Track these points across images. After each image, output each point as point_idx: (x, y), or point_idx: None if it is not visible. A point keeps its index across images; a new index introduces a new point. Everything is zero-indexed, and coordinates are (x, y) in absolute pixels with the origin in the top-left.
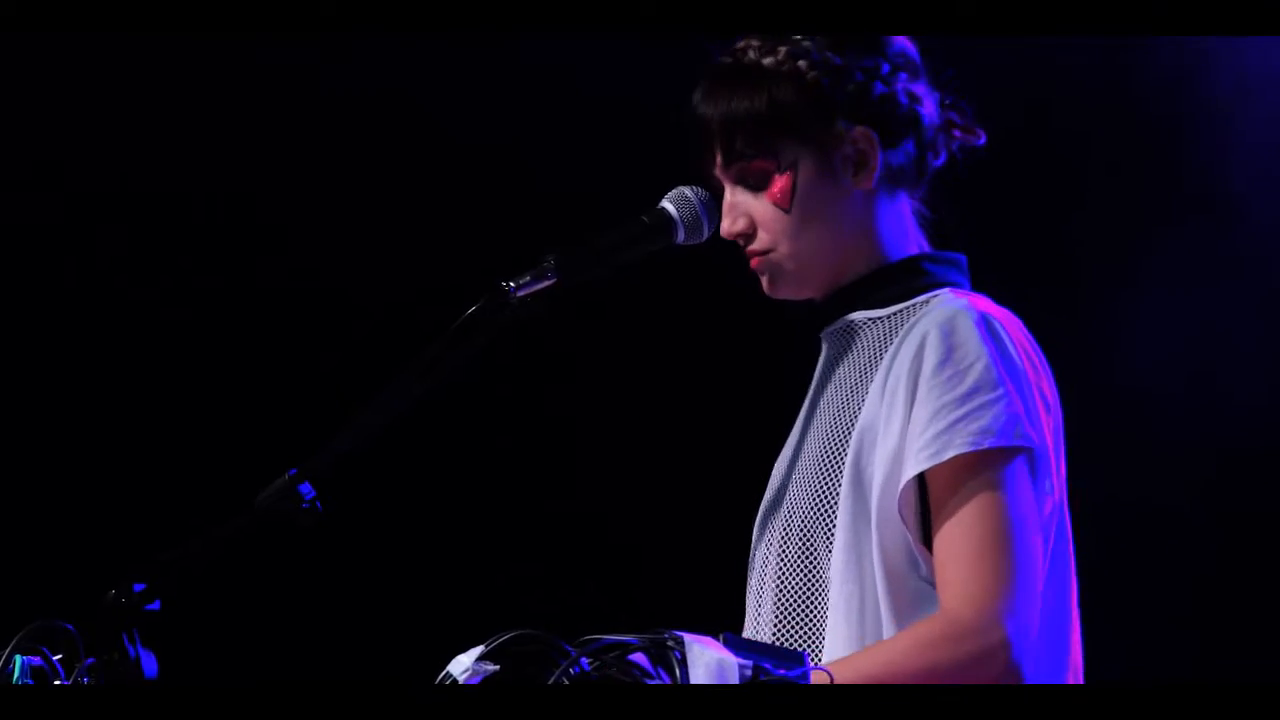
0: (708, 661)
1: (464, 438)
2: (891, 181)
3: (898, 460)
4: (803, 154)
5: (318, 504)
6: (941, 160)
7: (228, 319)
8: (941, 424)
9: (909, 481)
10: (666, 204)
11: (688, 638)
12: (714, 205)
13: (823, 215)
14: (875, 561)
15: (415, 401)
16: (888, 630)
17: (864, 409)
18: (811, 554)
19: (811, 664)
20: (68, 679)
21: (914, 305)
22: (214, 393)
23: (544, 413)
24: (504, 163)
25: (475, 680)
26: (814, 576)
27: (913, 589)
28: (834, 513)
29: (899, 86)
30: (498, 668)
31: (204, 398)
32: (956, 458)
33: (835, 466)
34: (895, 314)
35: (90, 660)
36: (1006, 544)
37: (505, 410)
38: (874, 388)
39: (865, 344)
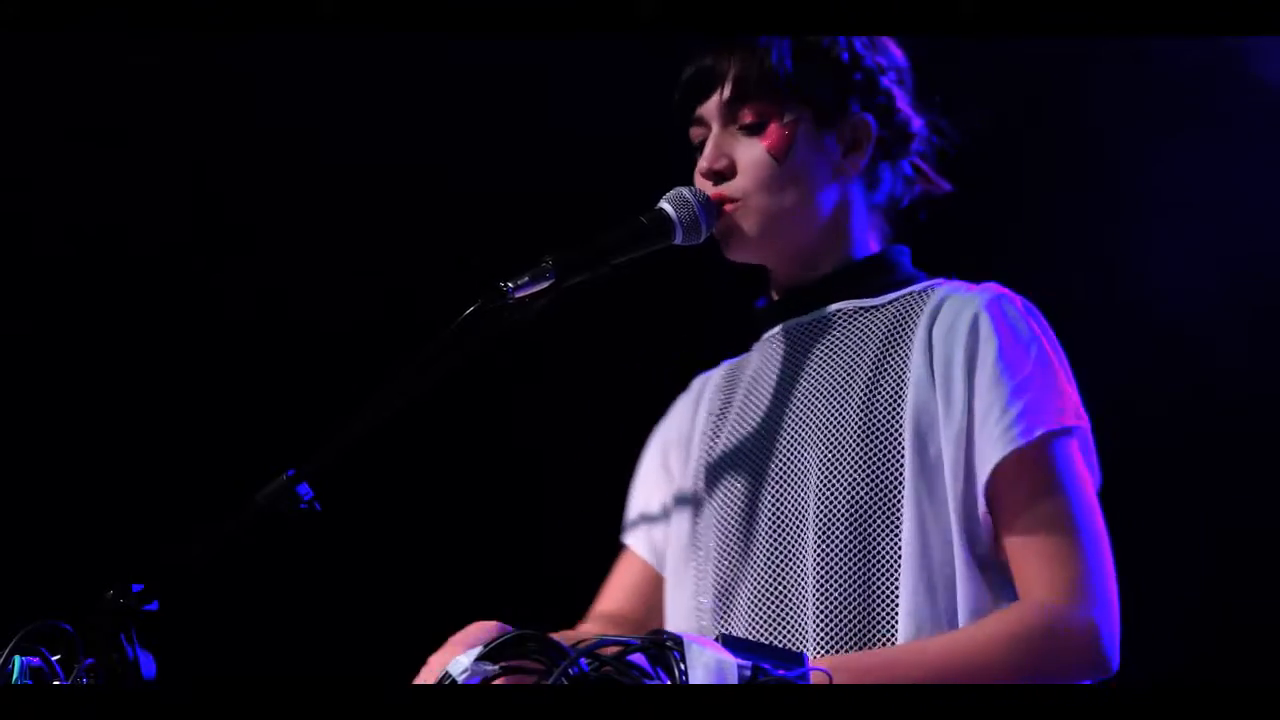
0: (706, 662)
1: (462, 438)
2: (870, 175)
3: (967, 441)
4: (806, 116)
5: (316, 504)
6: (904, 196)
7: (225, 318)
8: (1020, 405)
9: (996, 461)
10: (664, 205)
11: (687, 638)
12: (712, 206)
13: (808, 178)
14: (957, 542)
15: (413, 401)
16: (965, 607)
17: (910, 394)
18: (866, 539)
19: (889, 644)
20: (66, 679)
21: (916, 293)
22: (212, 393)
23: (543, 413)
24: (504, 162)
25: (474, 680)
26: (871, 560)
27: (991, 564)
28: (898, 497)
29: (898, 93)
30: (497, 668)
31: (202, 398)
32: (1041, 436)
33: (889, 452)
34: (896, 301)
35: (89, 661)
36: (1089, 529)
37: (504, 410)
38: (915, 371)
39: (868, 331)
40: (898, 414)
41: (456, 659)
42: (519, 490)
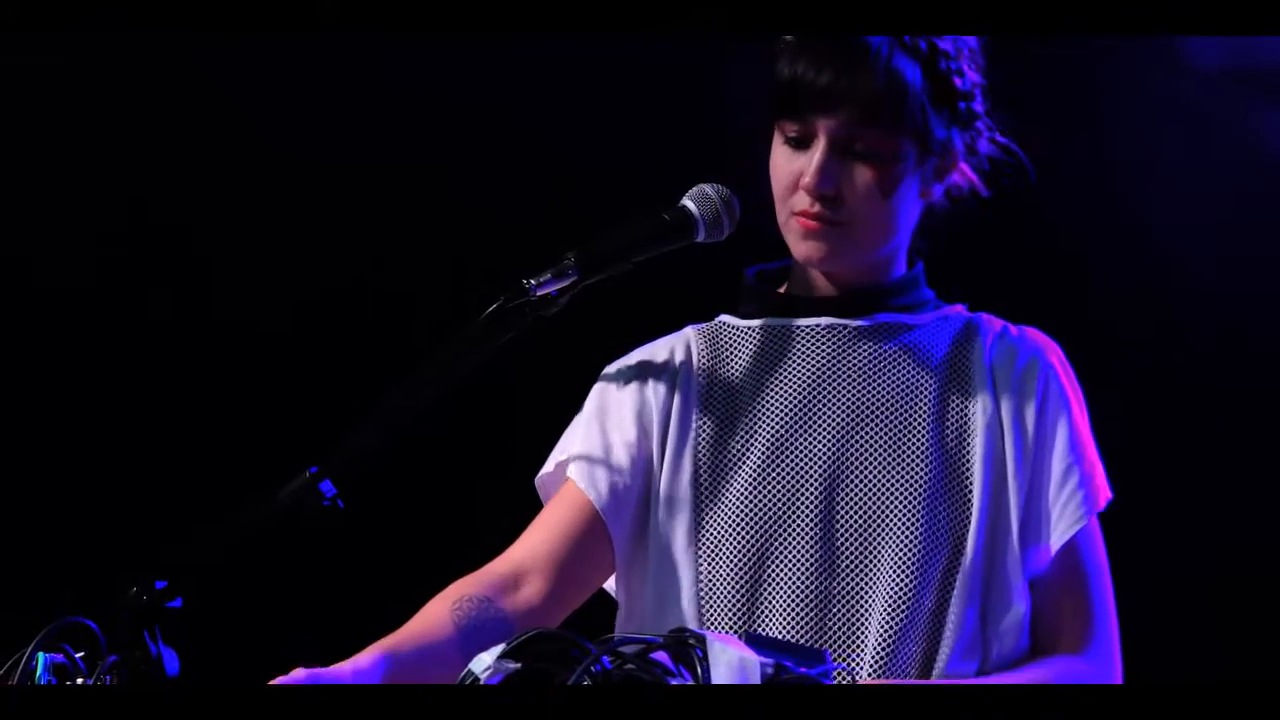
0: (729, 660)
1: (484, 435)
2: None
3: (1036, 496)
4: (913, 148)
5: (339, 502)
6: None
7: (248, 316)
8: (1090, 479)
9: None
10: (687, 201)
11: (709, 636)
12: (734, 203)
13: (904, 209)
14: (1015, 588)
15: (435, 399)
16: (1010, 647)
17: (980, 435)
18: (935, 567)
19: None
20: (90, 677)
21: (949, 318)
22: (235, 390)
23: (564, 412)
24: (523, 160)
25: (496, 678)
26: (936, 585)
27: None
28: (964, 531)
29: (982, 114)
30: (519, 666)
31: (225, 395)
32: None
33: (961, 486)
34: (934, 324)
35: (112, 658)
36: (1112, 596)
37: (525, 408)
38: (982, 412)
39: (920, 352)
40: (966, 451)
41: (479, 656)
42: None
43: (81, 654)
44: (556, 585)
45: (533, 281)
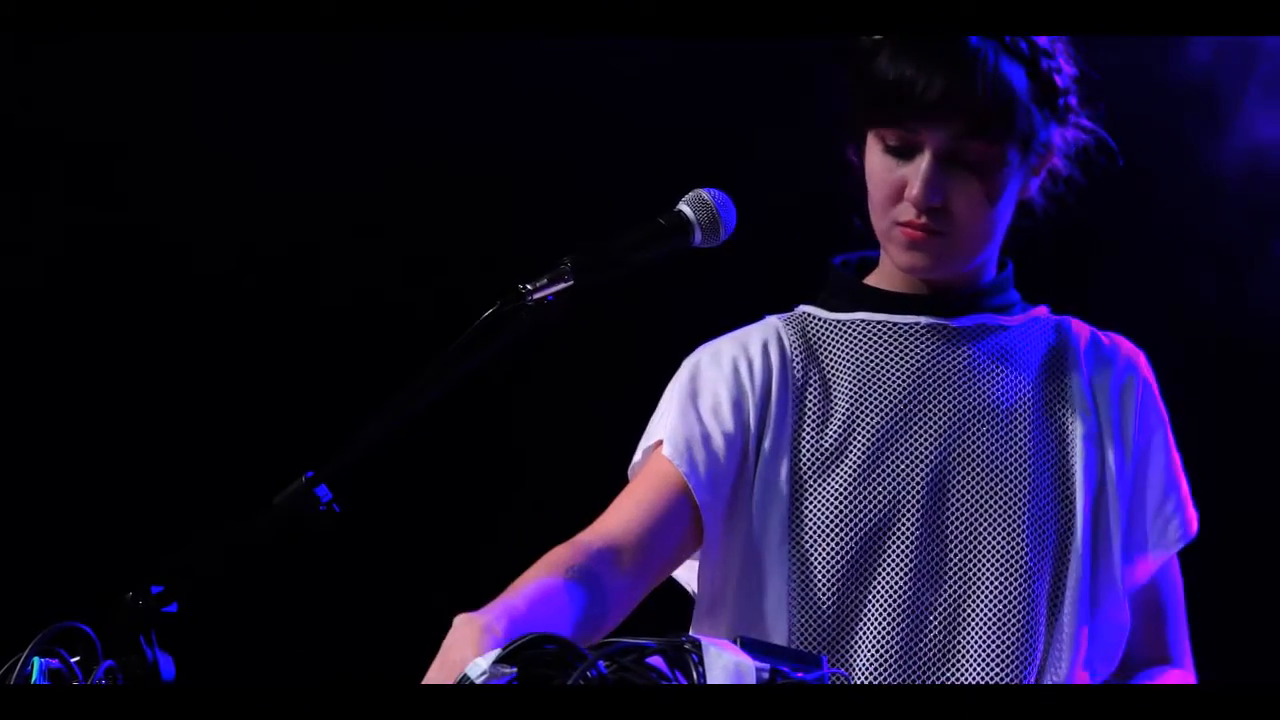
0: (725, 664)
1: (481, 440)
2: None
3: (1138, 520)
4: (1015, 151)
5: (335, 506)
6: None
7: (245, 321)
8: (1186, 502)
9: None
10: (683, 206)
11: (705, 640)
12: (730, 207)
13: (1006, 212)
14: (1120, 603)
15: (432, 404)
16: (1113, 664)
17: (1080, 445)
18: (1037, 585)
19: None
20: (85, 681)
21: (1039, 320)
22: (231, 394)
23: (562, 415)
24: (523, 165)
25: (493, 684)
26: (1036, 608)
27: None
28: (1068, 548)
29: (1075, 109)
30: (515, 670)
31: (221, 399)
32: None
33: (1061, 500)
34: (1024, 326)
35: (108, 663)
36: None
37: (522, 413)
38: (1080, 422)
39: (1007, 353)
40: (1068, 461)
41: (475, 661)
42: (539, 492)
43: (77, 659)
44: (649, 562)
45: (529, 286)
